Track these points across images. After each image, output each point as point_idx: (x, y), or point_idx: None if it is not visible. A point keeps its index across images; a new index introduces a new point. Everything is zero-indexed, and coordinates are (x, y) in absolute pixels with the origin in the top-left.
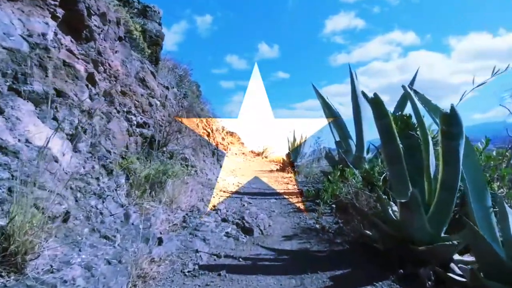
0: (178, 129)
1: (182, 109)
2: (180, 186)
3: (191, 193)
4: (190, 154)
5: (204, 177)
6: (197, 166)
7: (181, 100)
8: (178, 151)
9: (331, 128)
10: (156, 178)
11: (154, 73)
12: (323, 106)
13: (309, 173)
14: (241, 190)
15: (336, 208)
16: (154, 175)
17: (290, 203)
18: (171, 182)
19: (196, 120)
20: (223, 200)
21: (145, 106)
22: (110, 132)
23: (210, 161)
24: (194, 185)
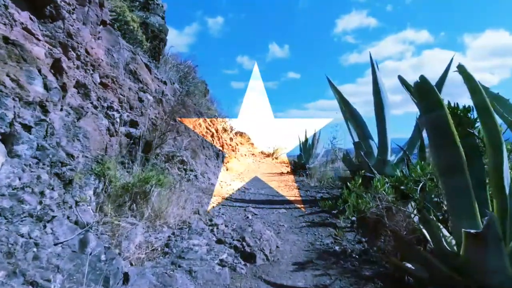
0: (175, 128)
1: (177, 105)
2: (169, 196)
3: (184, 204)
4: (190, 156)
5: (206, 182)
6: (197, 170)
7: (181, 96)
8: (175, 154)
9: (349, 127)
10: (138, 188)
11: (150, 66)
12: (339, 103)
13: (322, 177)
14: (247, 197)
15: (359, 223)
16: (135, 184)
17: (302, 214)
18: (157, 191)
19: (198, 119)
20: (224, 211)
21: (134, 101)
22: (80, 131)
23: (214, 164)
24: (192, 192)
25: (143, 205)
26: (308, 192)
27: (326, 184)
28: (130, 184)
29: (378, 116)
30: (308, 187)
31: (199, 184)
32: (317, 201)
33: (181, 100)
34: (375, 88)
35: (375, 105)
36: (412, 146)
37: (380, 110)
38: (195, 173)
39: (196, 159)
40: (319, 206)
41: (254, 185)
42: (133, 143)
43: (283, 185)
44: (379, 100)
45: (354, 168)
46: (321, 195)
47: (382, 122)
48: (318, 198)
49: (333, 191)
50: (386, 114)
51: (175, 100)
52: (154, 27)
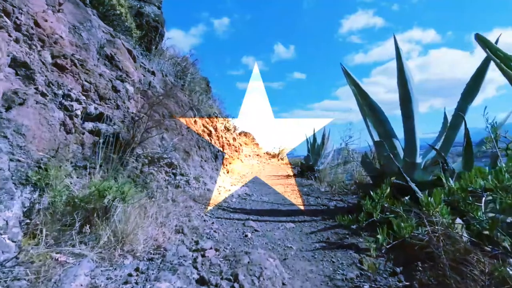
0: (162, 125)
1: (164, 97)
2: (144, 211)
3: (165, 220)
4: (180, 158)
5: (201, 188)
6: (189, 174)
7: (171, 88)
8: (162, 155)
9: (367, 124)
10: (93, 203)
11: (134, 53)
12: (356, 95)
13: (333, 181)
14: (248, 206)
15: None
16: (85, 198)
17: (314, 230)
18: (123, 207)
19: (194, 116)
20: (218, 226)
21: (106, 91)
22: (10, 125)
23: (211, 167)
24: (180, 202)
25: (101, 226)
26: (318, 199)
27: (338, 189)
28: (79, 198)
29: (405, 110)
30: (318, 192)
31: (192, 191)
32: (330, 211)
33: (169, 91)
34: (401, 78)
35: (401, 98)
36: (447, 145)
37: (407, 104)
38: (187, 178)
39: (189, 161)
40: (333, 217)
41: (257, 190)
42: (103, 142)
43: (289, 190)
44: (406, 92)
45: (375, 172)
46: (334, 203)
47: (410, 118)
48: (331, 207)
49: (347, 197)
50: (414, 109)
51: (163, 91)
52: (149, 17)
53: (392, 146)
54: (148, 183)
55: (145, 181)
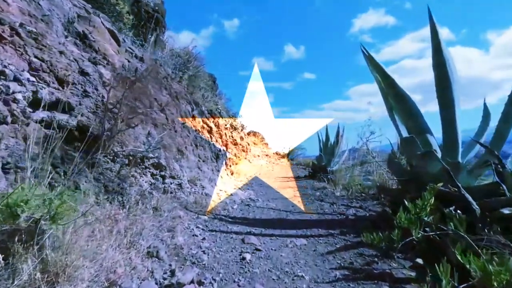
0: (148, 118)
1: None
2: (101, 229)
3: (136, 239)
4: (172, 158)
5: (197, 192)
6: (182, 176)
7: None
8: (147, 155)
9: (394, 117)
10: (12, 221)
11: (117, 35)
12: (380, 83)
13: (349, 184)
14: (251, 215)
15: None
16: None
17: (332, 249)
18: (60, 227)
19: (193, 111)
20: (210, 245)
21: (66, 72)
22: None
23: (211, 168)
24: (165, 212)
25: (24, 257)
26: (334, 205)
27: (356, 193)
28: None
29: (443, 98)
30: (332, 197)
31: (185, 197)
32: (349, 221)
33: (147, 73)
34: (437, 58)
35: (437, 83)
36: (499, 141)
37: (445, 89)
38: (179, 181)
39: (183, 162)
40: (354, 230)
41: (263, 195)
42: (63, 137)
43: (300, 194)
44: (444, 75)
45: (405, 175)
46: (353, 210)
47: (449, 107)
48: (350, 217)
49: (366, 203)
50: (455, 96)
51: (146, 74)
52: (148, 7)
53: (425, 143)
54: (124, 189)
55: (121, 186)
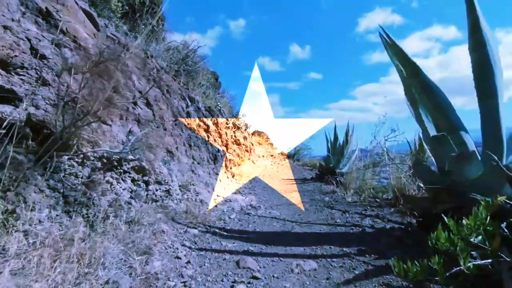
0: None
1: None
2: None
3: (91, 269)
4: (160, 160)
5: (191, 199)
6: (171, 181)
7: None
8: (124, 156)
9: (418, 112)
10: None
11: (94, 17)
12: (401, 71)
13: (361, 188)
14: (250, 226)
15: None
16: None
17: (350, 277)
18: None
19: (188, 107)
20: (193, 272)
21: (12, 53)
22: None
23: (207, 170)
24: (144, 226)
25: None
26: (347, 214)
27: (369, 199)
28: None
29: (483, 87)
30: (344, 203)
31: (173, 205)
32: (367, 235)
33: (112, 54)
34: (474, 39)
35: (475, 68)
36: None
37: (485, 76)
38: (167, 187)
39: (173, 164)
40: (374, 248)
41: (266, 200)
42: (7, 134)
43: (307, 200)
44: (484, 58)
45: (437, 181)
46: (369, 221)
47: (491, 97)
48: (367, 229)
49: (383, 211)
50: (497, 83)
51: (112, 52)
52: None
53: (460, 143)
54: (91, 199)
55: (87, 196)
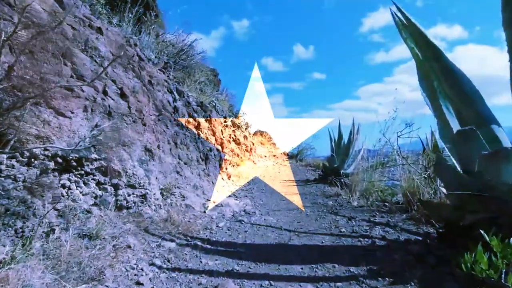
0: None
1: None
2: None
3: None
4: (136, 160)
5: (175, 204)
6: (148, 184)
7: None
8: (86, 155)
9: (438, 103)
10: None
11: None
12: (416, 55)
13: (368, 190)
14: (241, 237)
15: None
16: None
17: None
18: None
19: (177, 100)
20: None
21: None
22: None
23: (198, 172)
24: (98, 242)
25: None
26: (353, 221)
27: (377, 202)
28: None
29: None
30: (349, 208)
31: (151, 213)
32: (378, 250)
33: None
34: (509, 11)
35: (510, 48)
36: None
37: None
38: (143, 191)
39: (152, 165)
40: (387, 267)
41: (263, 205)
42: None
43: (309, 204)
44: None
45: (464, 186)
46: (379, 230)
47: None
48: (377, 241)
49: (394, 218)
50: None
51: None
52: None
53: (491, 138)
54: (33, 208)
55: (27, 204)
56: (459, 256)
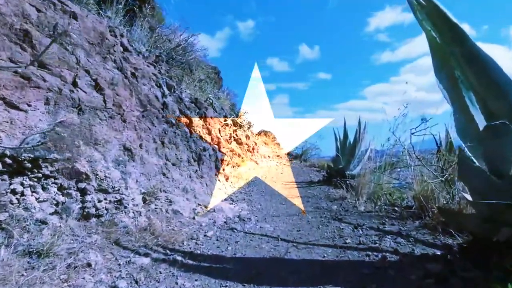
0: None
1: None
2: None
3: None
4: (111, 161)
5: (160, 210)
6: (125, 188)
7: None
8: (42, 155)
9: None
10: None
11: None
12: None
13: (375, 193)
14: (230, 249)
15: None
16: None
17: None
18: None
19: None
20: None
21: None
22: None
23: (189, 173)
24: (36, 264)
25: None
26: (359, 229)
27: (385, 207)
28: None
29: None
30: (355, 213)
31: (127, 221)
32: (390, 266)
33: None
34: None
35: None
36: None
37: None
38: (118, 196)
39: (131, 166)
40: (398, 282)
41: (260, 209)
42: None
43: (311, 208)
44: None
45: (495, 191)
46: (390, 241)
47: None
48: (389, 256)
49: (406, 225)
50: None
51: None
52: None
53: None
54: None
55: None
56: (492, 280)
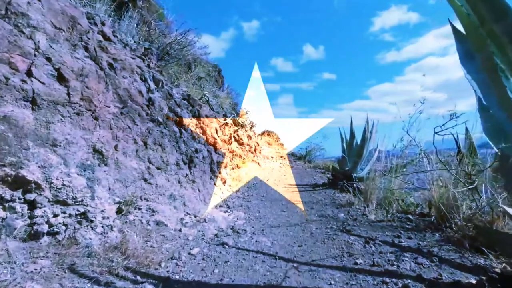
0: None
1: None
2: None
3: None
4: (70, 165)
5: (138, 221)
6: (90, 198)
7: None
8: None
9: (497, 79)
10: None
11: None
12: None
13: (386, 199)
14: (213, 276)
15: None
16: None
17: None
18: None
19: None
20: None
21: None
22: None
23: (177, 178)
24: None
25: None
26: (371, 245)
27: (398, 214)
28: None
29: None
30: (365, 223)
31: (94, 238)
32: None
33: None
34: None
35: None
36: None
37: None
38: (83, 208)
39: (102, 172)
40: None
41: (258, 218)
42: None
43: (316, 217)
44: None
45: None
46: (410, 262)
47: None
48: (412, 283)
49: (425, 239)
50: None
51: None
52: None
53: None
54: None
55: None
56: None
